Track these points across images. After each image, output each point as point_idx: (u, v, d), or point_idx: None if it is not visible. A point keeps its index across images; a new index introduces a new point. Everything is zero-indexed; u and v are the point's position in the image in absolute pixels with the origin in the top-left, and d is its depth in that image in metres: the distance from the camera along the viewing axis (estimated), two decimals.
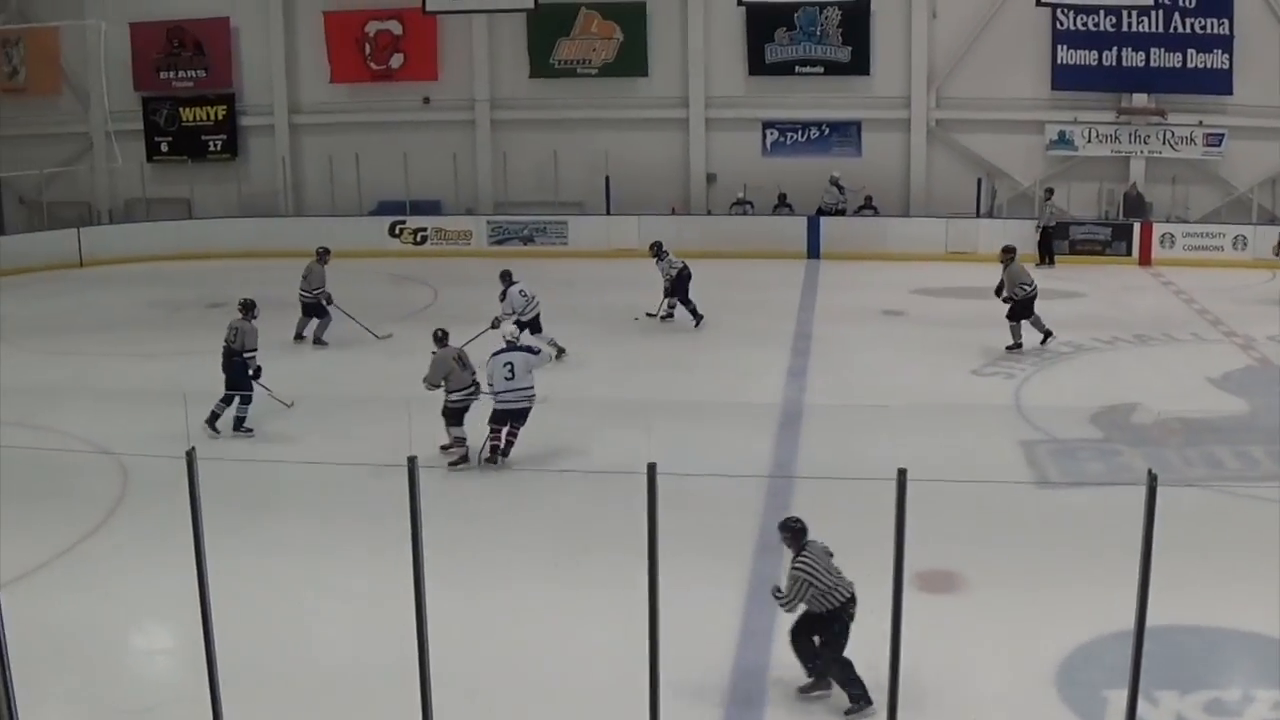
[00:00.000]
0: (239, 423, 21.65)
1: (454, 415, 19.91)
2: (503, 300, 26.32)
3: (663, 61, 39.59)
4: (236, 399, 21.61)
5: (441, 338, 20.94)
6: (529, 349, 20.72)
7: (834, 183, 38.00)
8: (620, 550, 12.54)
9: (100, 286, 33.93)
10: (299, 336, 28.07)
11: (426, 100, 41.15)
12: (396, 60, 41.13)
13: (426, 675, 10.17)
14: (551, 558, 16.45)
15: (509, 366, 19.88)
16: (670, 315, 28.96)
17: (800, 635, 12.77)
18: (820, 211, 37.88)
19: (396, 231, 39.26)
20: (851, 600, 12.46)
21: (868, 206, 38.21)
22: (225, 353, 21.97)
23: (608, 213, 38.72)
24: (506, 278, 26.73)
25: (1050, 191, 36.72)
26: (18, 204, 43.45)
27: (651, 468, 9.28)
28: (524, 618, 14.82)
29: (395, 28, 40.73)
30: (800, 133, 39.46)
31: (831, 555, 12.65)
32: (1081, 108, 37.77)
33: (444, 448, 19.53)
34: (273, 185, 41.55)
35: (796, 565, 12.54)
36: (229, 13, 41.81)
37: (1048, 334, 26.31)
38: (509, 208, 40.10)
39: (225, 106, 42.31)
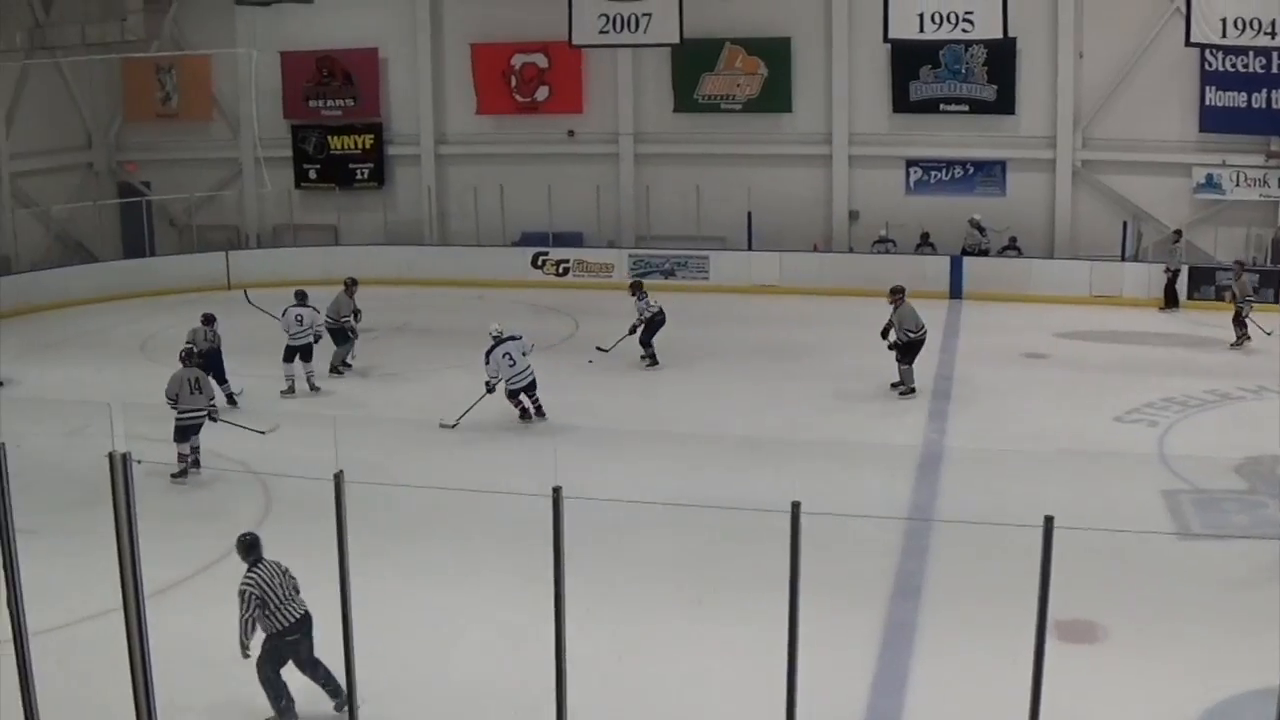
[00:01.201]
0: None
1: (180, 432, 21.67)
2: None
3: (807, 97, 39.52)
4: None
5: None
6: (514, 337, 24.45)
7: (974, 225, 37.69)
8: (755, 588, 12.56)
9: (247, 309, 34.29)
10: (336, 368, 28.86)
11: (571, 133, 41.39)
12: (542, 93, 41.44)
13: (563, 706, 10.22)
14: (689, 593, 16.47)
15: (508, 356, 24.10)
16: (653, 361, 29.04)
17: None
18: (964, 252, 37.59)
19: (539, 263, 39.50)
20: (299, 625, 12.83)
21: (1011, 247, 37.87)
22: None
23: (749, 248, 38.69)
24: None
25: (1178, 235, 36.15)
26: (168, 226, 44.29)
27: (795, 506, 9.26)
28: (660, 653, 14.87)
29: (541, 61, 41.05)
30: (944, 171, 39.23)
31: (292, 577, 13.10)
32: (1230, 150, 37.12)
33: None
34: (418, 214, 42.03)
35: (245, 580, 12.88)
36: (378, 43, 42.37)
37: (905, 388, 26.20)
38: (651, 241, 40.20)
39: (373, 135, 42.84)
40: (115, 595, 10.37)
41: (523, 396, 24.52)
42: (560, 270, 39.38)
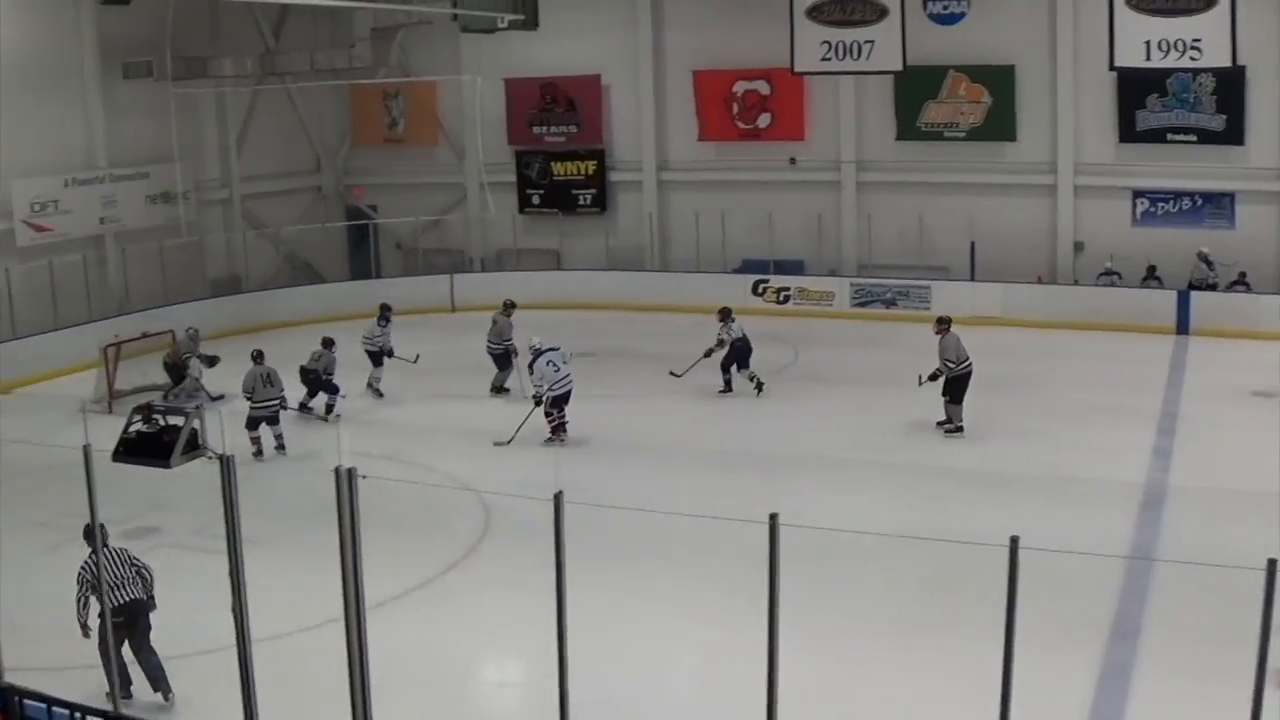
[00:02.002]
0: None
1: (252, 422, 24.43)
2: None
3: (1031, 126, 38.91)
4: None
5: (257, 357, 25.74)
6: (554, 348, 25.32)
7: (1202, 258, 36.74)
8: (970, 621, 12.39)
9: (470, 332, 34.61)
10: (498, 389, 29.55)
11: (793, 160, 41.28)
12: (764, 120, 41.42)
13: None
14: (903, 625, 16.32)
15: (551, 364, 24.93)
16: (728, 388, 29.07)
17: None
18: (1191, 286, 36.72)
19: (760, 290, 39.43)
20: (126, 609, 13.63)
21: (1240, 282, 36.88)
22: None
23: (972, 278, 38.25)
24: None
25: None
26: (394, 249, 45.06)
27: (1014, 541, 9.10)
28: (871, 684, 14.75)
29: (763, 88, 41.04)
30: (1171, 202, 38.33)
31: (135, 565, 13.95)
32: None
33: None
34: (639, 240, 42.23)
35: (82, 564, 13.45)
36: (601, 70, 42.70)
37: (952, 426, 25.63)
38: (872, 270, 39.91)
39: (596, 162, 43.17)
40: (334, 606, 10.54)
41: (564, 407, 25.19)
42: (781, 298, 39.26)
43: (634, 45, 42.04)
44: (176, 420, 12.44)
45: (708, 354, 28.91)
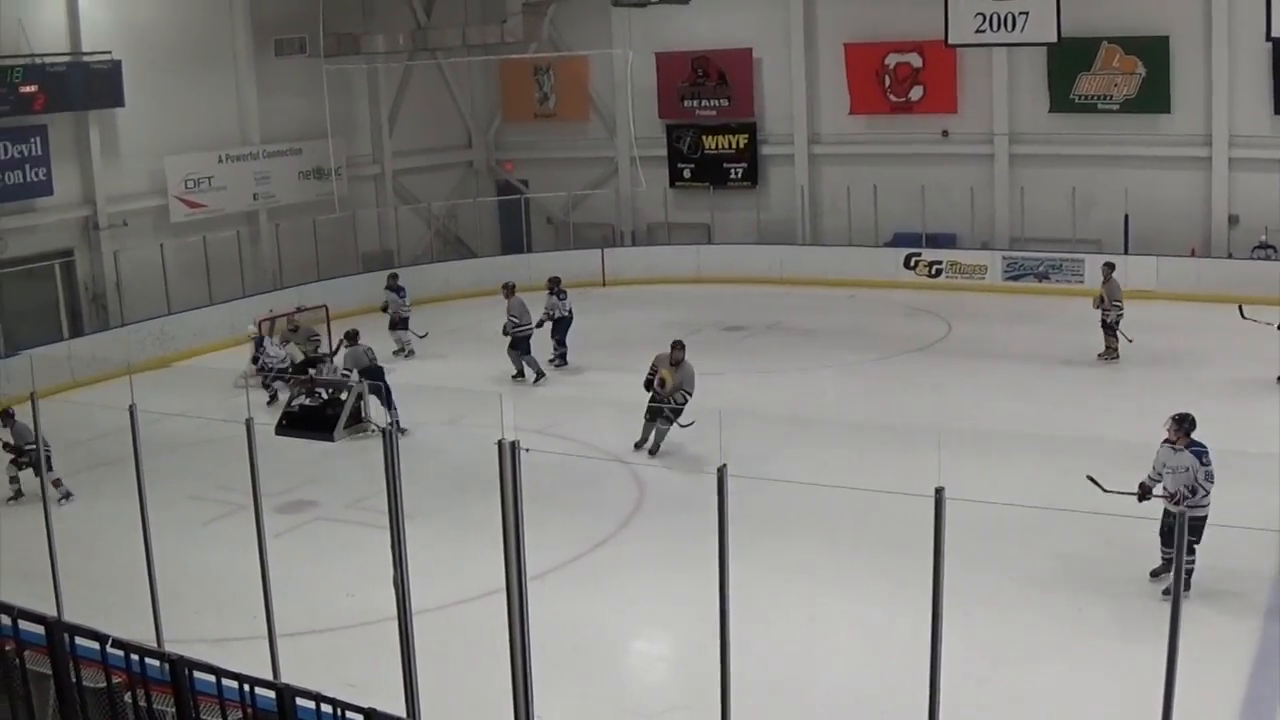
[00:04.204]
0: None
1: None
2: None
3: (1185, 97, 38.04)
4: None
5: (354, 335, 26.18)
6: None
7: None
8: (1128, 596, 12.11)
9: (621, 305, 34.78)
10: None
11: (945, 133, 40.78)
12: (916, 93, 40.91)
13: (935, 713, 9.98)
14: (1061, 603, 16.02)
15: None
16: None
17: None
18: None
19: (911, 264, 39.03)
20: None
21: None
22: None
23: (1125, 252, 37.53)
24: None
25: None
26: (545, 223, 45.16)
27: (1181, 515, 8.85)
28: (1030, 660, 14.50)
29: (915, 60, 40.53)
30: None
31: None
32: None
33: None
34: (790, 214, 41.95)
35: None
36: (752, 43, 42.41)
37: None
38: (1025, 244, 39.29)
39: (747, 135, 42.92)
40: (488, 579, 10.51)
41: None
42: (933, 271, 38.83)
43: (785, 18, 41.71)
44: (340, 394, 12.46)
45: (539, 324, 29.55)
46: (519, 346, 28.69)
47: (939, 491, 9.39)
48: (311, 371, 27.86)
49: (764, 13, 41.84)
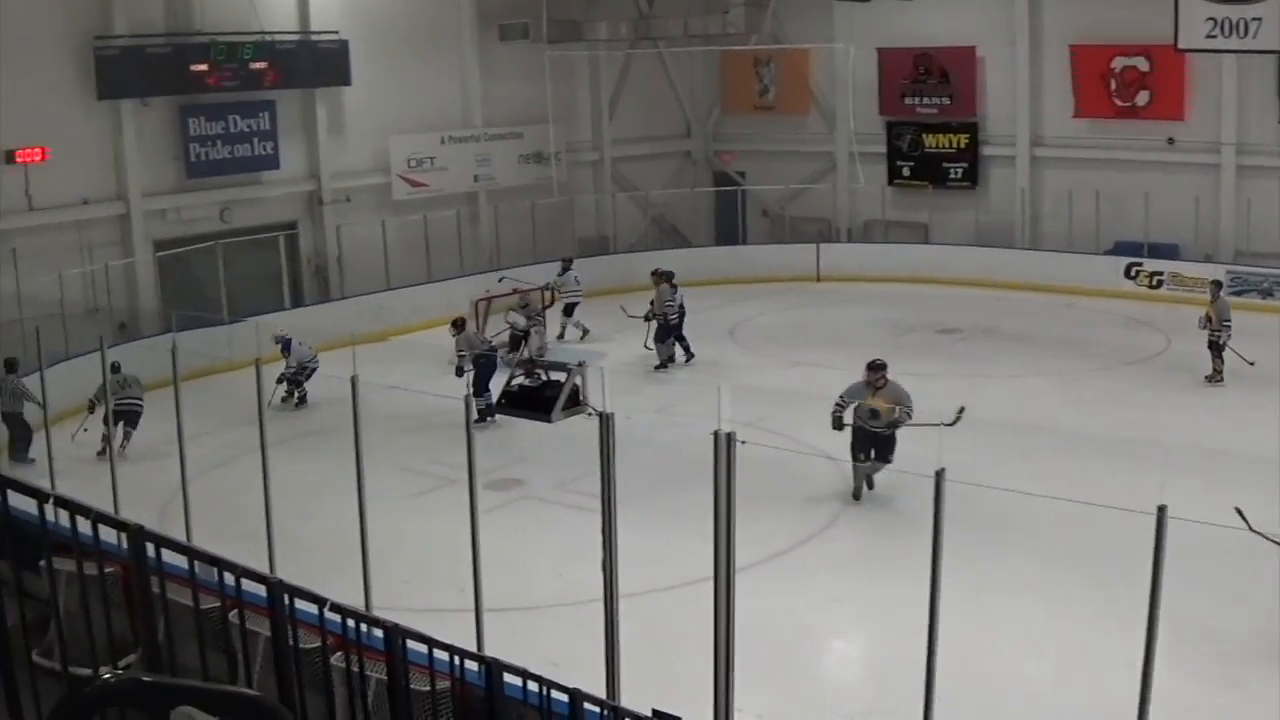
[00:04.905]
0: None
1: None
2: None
3: None
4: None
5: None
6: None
7: None
8: None
9: (834, 302, 34.62)
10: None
11: (1171, 140, 39.92)
12: (1142, 97, 40.05)
13: None
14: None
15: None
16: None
17: None
18: None
19: (1132, 273, 38.22)
20: None
21: None
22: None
23: None
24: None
25: None
26: (761, 216, 45.06)
27: None
28: (1254, 701, 14.13)
29: (1142, 64, 39.66)
30: None
31: None
32: None
33: None
34: (1009, 216, 41.35)
35: None
36: (976, 42, 41.84)
37: None
38: (1250, 258, 38.31)
39: (968, 135, 42.41)
40: (696, 567, 10.52)
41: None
42: (1154, 282, 38.00)
43: (1010, 17, 41.10)
44: (559, 376, 12.58)
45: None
46: (668, 334, 29.03)
47: (1161, 510, 9.20)
48: (521, 347, 28.34)
49: (989, 11, 41.29)
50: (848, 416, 20.17)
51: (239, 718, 3.96)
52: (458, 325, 26.60)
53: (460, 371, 25.53)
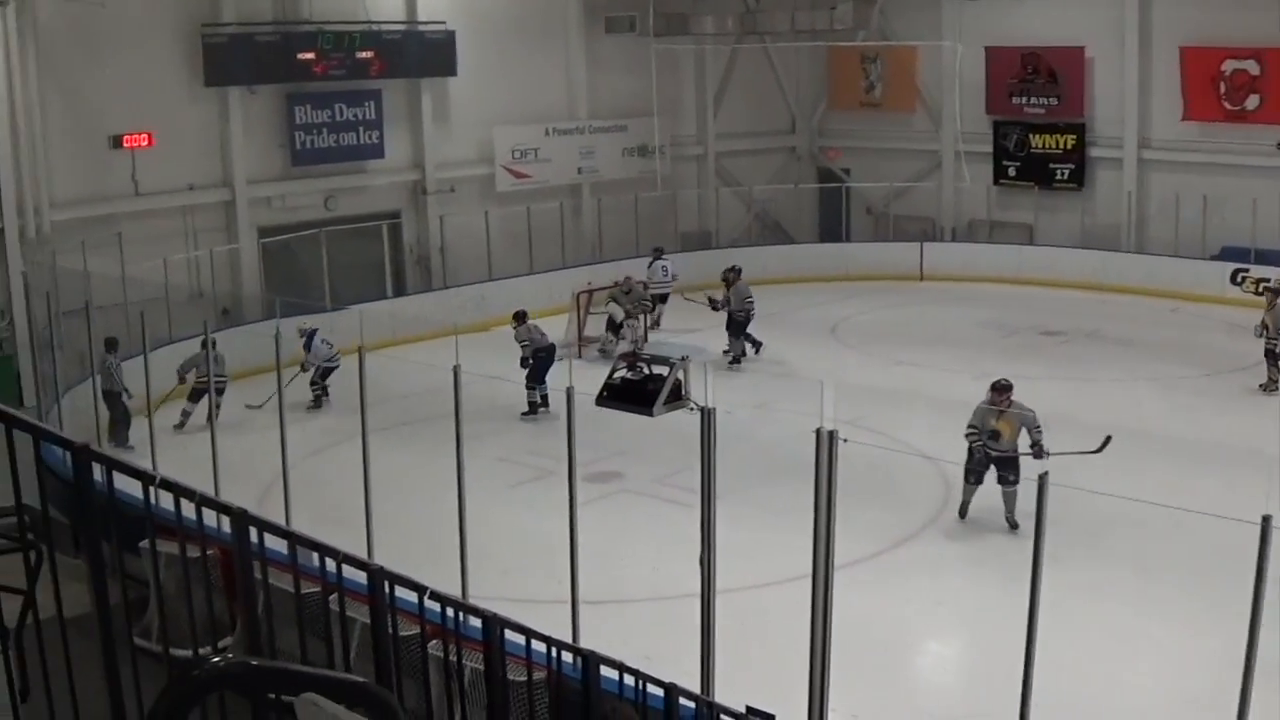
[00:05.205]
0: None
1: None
2: None
3: None
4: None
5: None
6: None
7: None
8: None
9: (937, 301, 34.37)
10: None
11: (1279, 145, 39.39)
12: (1252, 101, 39.45)
13: None
14: None
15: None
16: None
17: None
18: None
19: (1238, 279, 37.71)
20: None
21: None
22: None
23: None
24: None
25: None
26: (865, 213, 44.85)
27: None
28: None
29: (1253, 67, 39.06)
30: None
31: None
32: None
33: None
34: (1115, 219, 40.91)
35: None
36: (1084, 42, 41.39)
37: None
38: None
39: (1075, 136, 41.97)
40: (792, 564, 10.49)
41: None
42: (1260, 289, 37.46)
43: (1120, 17, 40.61)
44: (661, 370, 12.58)
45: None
46: (741, 330, 29.20)
47: (1266, 520, 9.07)
48: (622, 333, 28.43)
49: (1098, 11, 40.83)
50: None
51: (352, 707, 3.97)
52: (519, 318, 26.69)
53: (525, 363, 25.81)
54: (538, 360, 25.98)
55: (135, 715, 5.58)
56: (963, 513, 19.48)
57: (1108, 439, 18.30)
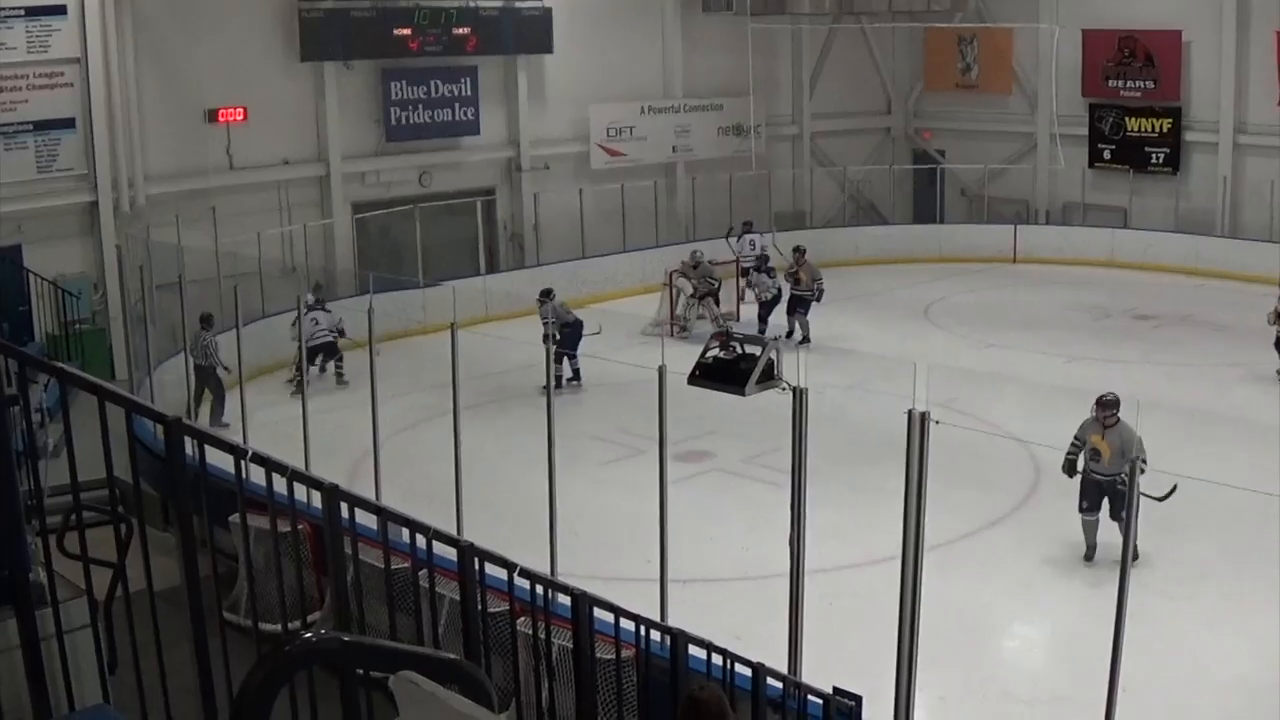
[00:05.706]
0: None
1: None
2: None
3: None
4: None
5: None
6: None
7: None
8: None
9: (1030, 284, 34.14)
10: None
11: None
12: None
13: None
14: None
15: None
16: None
17: None
18: None
19: None
20: None
21: None
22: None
23: None
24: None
25: None
26: (959, 195, 44.58)
27: None
28: None
29: None
30: None
31: None
32: None
33: None
34: (1210, 204, 40.49)
35: None
36: (1182, 25, 40.95)
37: None
38: None
39: (1171, 120, 41.55)
40: (881, 545, 10.49)
41: None
42: None
43: (1218, 1, 40.24)
44: (753, 349, 12.59)
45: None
46: (800, 309, 29.60)
47: None
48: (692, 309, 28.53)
49: None
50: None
51: (443, 684, 4.02)
52: (545, 295, 26.68)
53: (548, 338, 25.66)
54: (564, 336, 25.54)
55: (223, 689, 5.66)
56: (1089, 555, 17.40)
57: (1174, 488, 17.72)
